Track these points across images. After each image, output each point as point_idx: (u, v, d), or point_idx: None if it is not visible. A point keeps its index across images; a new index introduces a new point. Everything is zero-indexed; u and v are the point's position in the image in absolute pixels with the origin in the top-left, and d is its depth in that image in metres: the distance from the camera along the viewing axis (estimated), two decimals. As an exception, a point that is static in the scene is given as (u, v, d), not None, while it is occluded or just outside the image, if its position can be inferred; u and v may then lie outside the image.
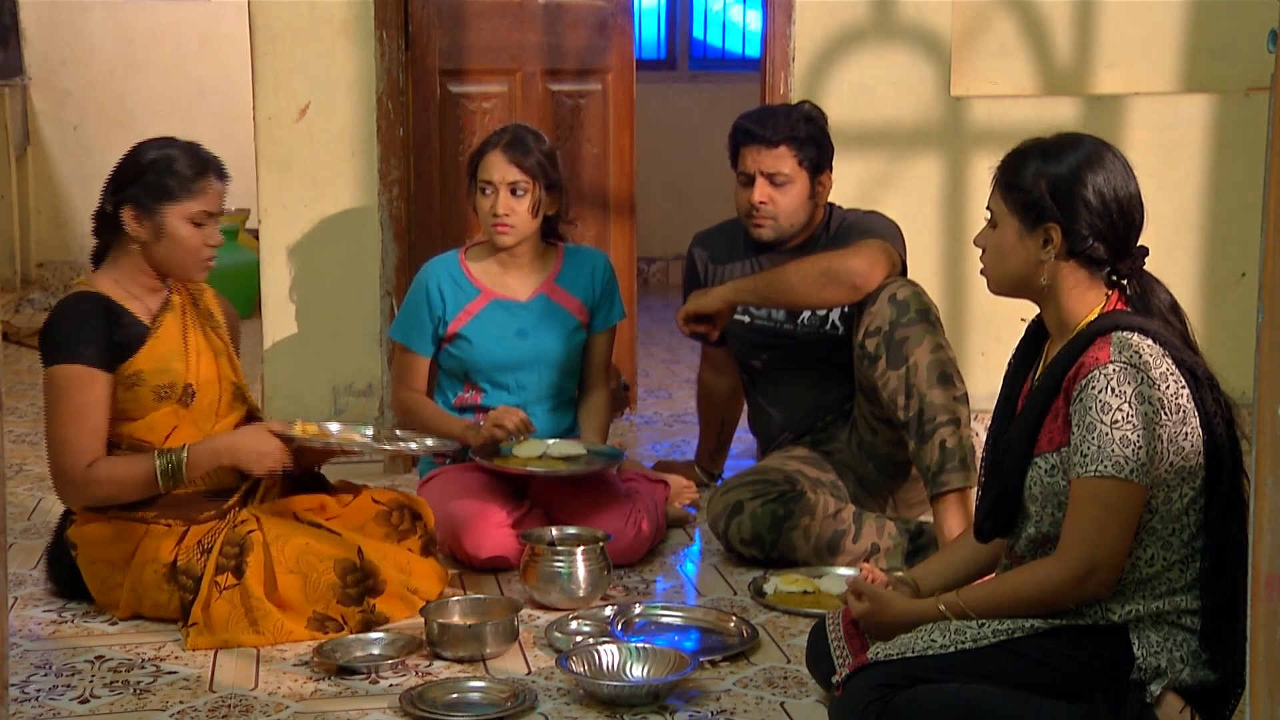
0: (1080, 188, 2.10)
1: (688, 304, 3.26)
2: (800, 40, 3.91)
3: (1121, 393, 2.02)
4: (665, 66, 7.50)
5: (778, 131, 3.24)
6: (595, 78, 4.27)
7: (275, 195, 3.81)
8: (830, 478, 3.24)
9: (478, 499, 3.14)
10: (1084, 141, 2.15)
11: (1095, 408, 2.03)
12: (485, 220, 3.26)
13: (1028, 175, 2.13)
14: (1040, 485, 2.11)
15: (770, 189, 3.27)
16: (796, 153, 3.24)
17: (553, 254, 3.39)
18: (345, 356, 3.88)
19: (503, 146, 3.24)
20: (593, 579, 2.88)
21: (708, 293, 3.23)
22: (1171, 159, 4.07)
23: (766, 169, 3.26)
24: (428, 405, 3.32)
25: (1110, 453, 2.02)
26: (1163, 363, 2.06)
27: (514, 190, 3.23)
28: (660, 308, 6.34)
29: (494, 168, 3.23)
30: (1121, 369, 2.03)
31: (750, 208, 3.29)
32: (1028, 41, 4.09)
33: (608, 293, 3.39)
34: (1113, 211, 2.11)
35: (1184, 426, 2.06)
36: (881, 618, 2.20)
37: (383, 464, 3.90)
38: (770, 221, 3.30)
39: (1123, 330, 2.07)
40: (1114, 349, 2.05)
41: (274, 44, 3.76)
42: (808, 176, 3.28)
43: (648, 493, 3.29)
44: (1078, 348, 2.10)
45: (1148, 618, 2.08)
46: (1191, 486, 2.06)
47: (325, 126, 3.80)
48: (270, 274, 3.84)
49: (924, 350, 3.01)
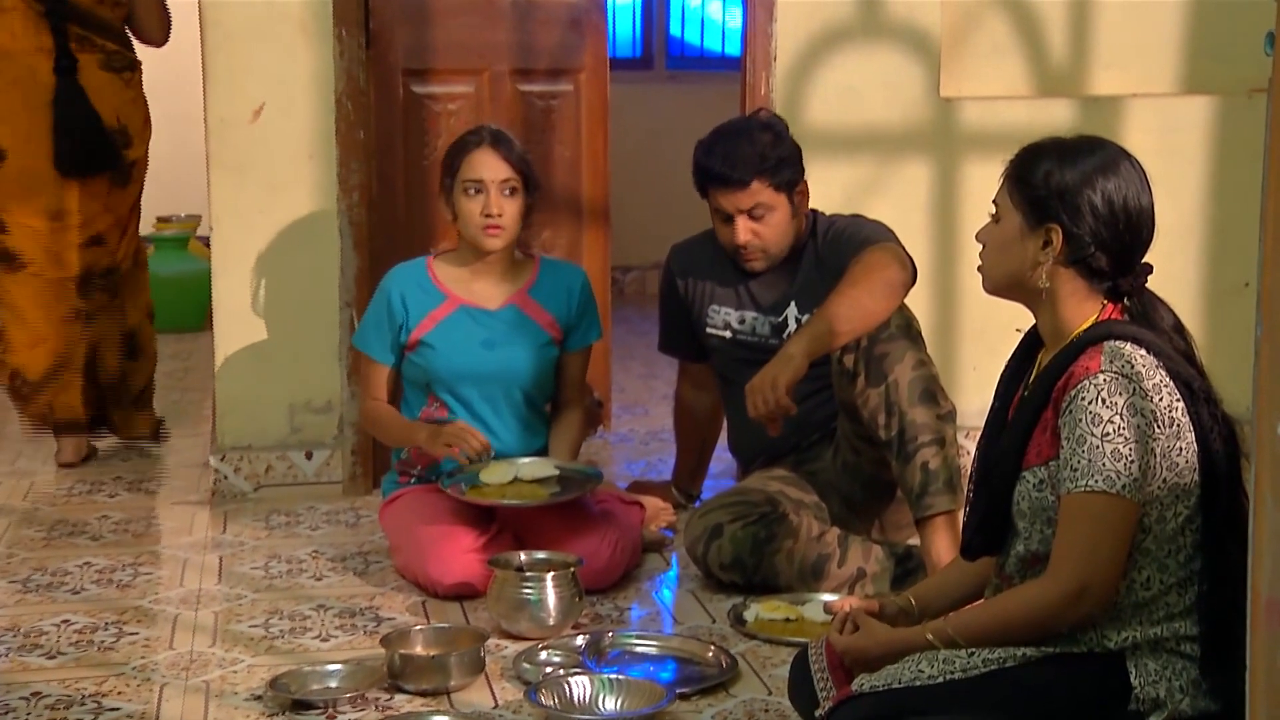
0: (1089, 192, 2.11)
1: (784, 378, 2.91)
2: (783, 39, 3.92)
3: (1113, 404, 2.03)
4: (641, 66, 7.52)
5: (747, 170, 3.23)
6: (567, 78, 4.27)
7: (228, 201, 3.81)
8: (813, 499, 3.24)
9: (443, 522, 3.14)
10: (1104, 147, 2.16)
11: (1085, 419, 2.04)
12: (472, 223, 3.24)
13: (1038, 172, 2.14)
14: (1029, 501, 2.12)
15: (753, 224, 3.28)
16: (771, 180, 3.25)
17: (528, 265, 3.40)
18: (303, 372, 3.87)
19: (489, 143, 3.24)
20: (563, 606, 2.88)
21: (789, 359, 2.93)
22: (1171, 163, 4.09)
23: (744, 206, 3.26)
24: (390, 414, 3.32)
25: (1101, 467, 2.02)
26: (1156, 374, 2.07)
27: (505, 189, 3.23)
28: (637, 320, 6.35)
29: (484, 165, 3.22)
30: (1113, 379, 2.04)
31: (737, 248, 3.30)
32: (1021, 41, 4.12)
33: (585, 312, 3.39)
34: (1119, 222, 2.11)
35: (1178, 441, 2.06)
36: (865, 646, 2.20)
37: (342, 484, 3.90)
38: (760, 254, 3.31)
39: (1115, 339, 2.08)
40: (1105, 358, 2.06)
41: (227, 41, 3.76)
42: (786, 197, 3.28)
43: (622, 515, 3.29)
44: (1068, 357, 2.11)
45: (1145, 645, 2.08)
46: (1186, 505, 2.07)
47: (281, 128, 3.79)
48: (223, 284, 3.83)
49: (905, 367, 3.02)
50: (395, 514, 3.27)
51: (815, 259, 3.34)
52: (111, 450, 4.41)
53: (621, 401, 4.90)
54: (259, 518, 3.72)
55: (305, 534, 3.60)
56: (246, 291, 3.83)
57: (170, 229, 6.58)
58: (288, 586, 3.22)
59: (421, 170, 4.05)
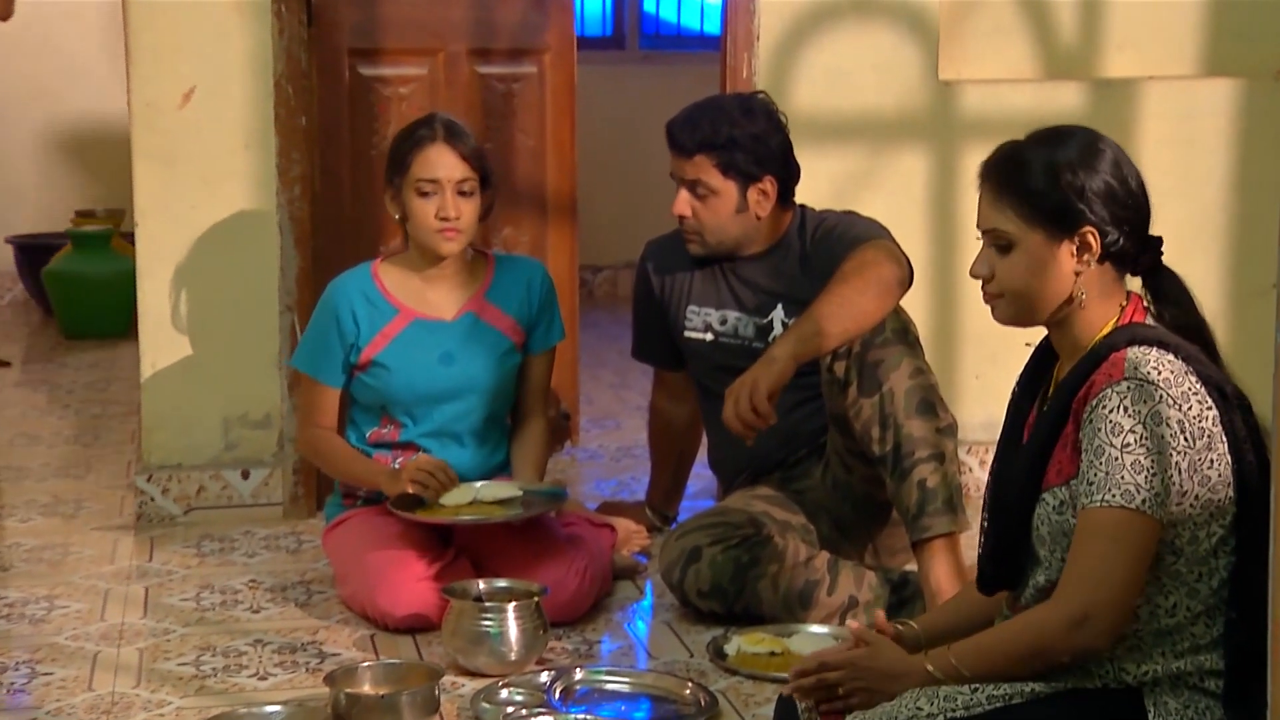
0: (1103, 177, 2.13)
1: (765, 382, 2.89)
2: (766, 16, 3.93)
3: (1135, 413, 2.04)
4: (612, 45, 7.53)
5: (693, 137, 3.26)
6: (530, 59, 4.27)
7: (155, 194, 3.79)
8: (800, 520, 3.25)
9: (394, 547, 3.13)
10: (1071, 129, 2.19)
11: (1105, 429, 2.04)
12: (425, 226, 3.23)
13: (1041, 178, 2.14)
14: (1049, 525, 2.12)
15: (691, 200, 3.30)
16: (718, 161, 3.26)
17: (482, 265, 3.39)
18: (239, 383, 3.86)
19: (444, 138, 3.22)
20: (526, 640, 2.87)
21: (772, 362, 2.91)
22: (1191, 152, 4.12)
23: (686, 176, 3.29)
24: (341, 448, 3.31)
25: (1119, 480, 2.03)
26: (1185, 380, 2.08)
27: (462, 190, 3.22)
28: (608, 323, 6.36)
29: (438, 164, 3.21)
30: (1136, 387, 2.05)
31: (678, 219, 3.34)
32: (1026, 19, 4.13)
33: (546, 308, 3.39)
34: (1134, 196, 2.15)
35: (1209, 453, 2.07)
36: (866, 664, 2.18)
37: (282, 506, 3.89)
38: (696, 237, 3.35)
39: (1139, 344, 2.09)
40: (1128, 365, 2.07)
41: (153, 17, 3.74)
42: (736, 185, 3.29)
43: (591, 539, 3.29)
44: (1089, 366, 2.11)
45: (1166, 680, 2.09)
46: (1221, 524, 2.08)
47: (214, 114, 3.78)
48: (149, 286, 3.82)
49: (901, 375, 3.02)
50: (341, 539, 3.26)
51: (803, 256, 3.35)
52: (25, 471, 4.38)
53: (590, 414, 4.90)
54: (189, 544, 3.70)
55: (241, 561, 3.58)
56: (176, 294, 3.82)
57: (90, 225, 6.53)
58: (221, 620, 3.20)
59: (369, 160, 4.04)
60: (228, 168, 3.80)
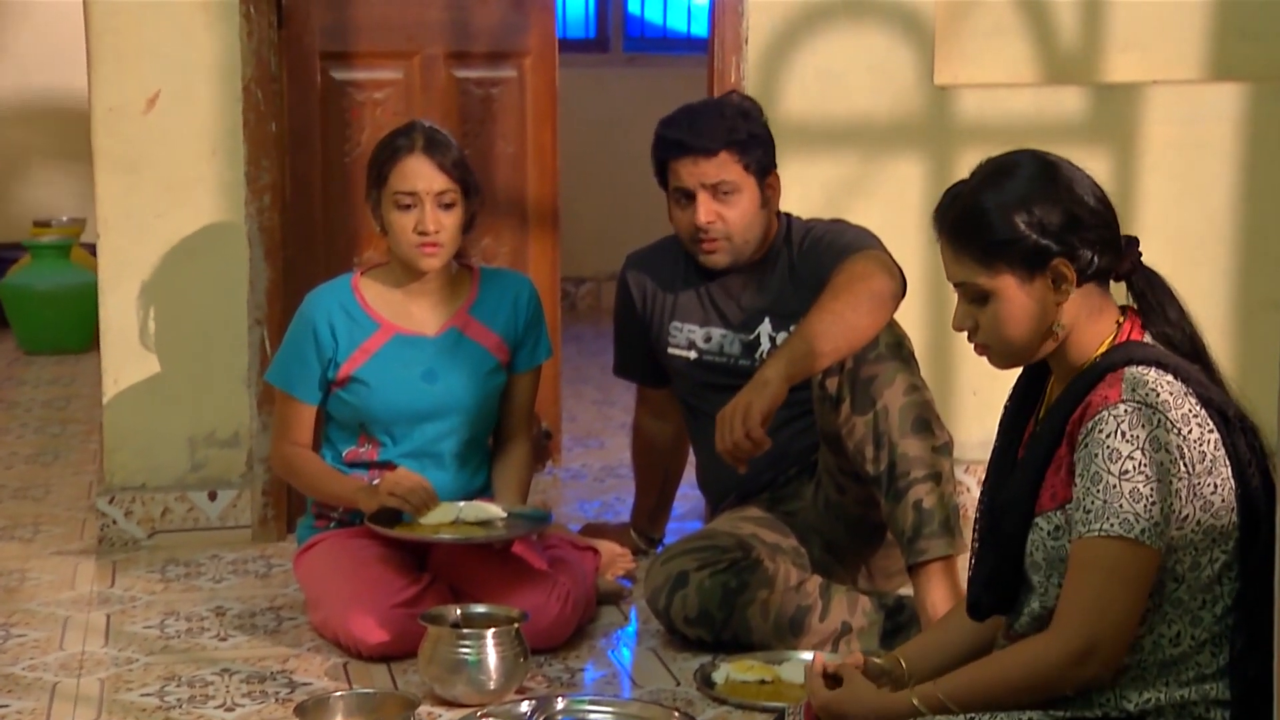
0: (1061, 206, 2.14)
1: (757, 407, 2.91)
2: (755, 17, 3.95)
3: (1134, 438, 2.05)
4: (595, 48, 7.54)
5: (715, 136, 3.27)
6: (510, 62, 4.28)
7: (118, 203, 3.80)
8: (791, 543, 3.26)
9: (367, 572, 3.14)
10: (1014, 159, 2.20)
11: (1102, 455, 2.06)
12: (405, 240, 3.23)
13: (995, 225, 2.15)
14: (1043, 551, 2.13)
15: (716, 204, 3.29)
16: (741, 156, 3.28)
17: (466, 279, 3.40)
18: (206, 400, 3.86)
19: (423, 148, 3.23)
20: (506, 668, 2.88)
21: (765, 385, 2.93)
22: (1196, 158, 4.13)
23: (709, 180, 3.28)
24: (318, 467, 3.31)
25: (1118, 509, 2.04)
26: (1185, 402, 2.09)
27: (442, 202, 3.23)
28: (591, 337, 6.37)
29: (416, 175, 3.22)
30: (1135, 409, 2.06)
31: (696, 231, 3.32)
32: (1025, 20, 4.15)
33: (533, 326, 3.40)
34: (1100, 213, 2.16)
35: (1211, 478, 2.08)
36: (848, 707, 2.20)
37: (251, 529, 3.89)
38: (723, 243, 3.32)
39: (1137, 364, 2.11)
40: (1126, 386, 2.08)
41: (116, 18, 3.75)
42: (756, 181, 3.31)
43: (574, 562, 3.29)
44: (1085, 385, 2.13)
45: (1170, 709, 2.10)
46: (1224, 549, 2.09)
47: (180, 120, 3.79)
48: (112, 299, 3.82)
49: (896, 391, 3.04)
50: (312, 563, 3.26)
51: (790, 268, 3.36)
52: (-18, 491, 4.38)
53: (573, 432, 4.91)
54: (153, 568, 3.70)
55: (208, 587, 3.59)
56: (140, 307, 3.82)
57: (49, 235, 6.52)
58: (186, 648, 3.20)
59: (342, 168, 4.05)
60: (194, 176, 3.81)
